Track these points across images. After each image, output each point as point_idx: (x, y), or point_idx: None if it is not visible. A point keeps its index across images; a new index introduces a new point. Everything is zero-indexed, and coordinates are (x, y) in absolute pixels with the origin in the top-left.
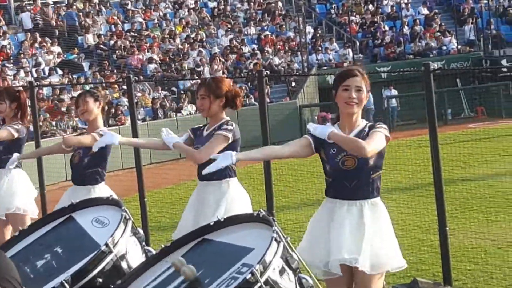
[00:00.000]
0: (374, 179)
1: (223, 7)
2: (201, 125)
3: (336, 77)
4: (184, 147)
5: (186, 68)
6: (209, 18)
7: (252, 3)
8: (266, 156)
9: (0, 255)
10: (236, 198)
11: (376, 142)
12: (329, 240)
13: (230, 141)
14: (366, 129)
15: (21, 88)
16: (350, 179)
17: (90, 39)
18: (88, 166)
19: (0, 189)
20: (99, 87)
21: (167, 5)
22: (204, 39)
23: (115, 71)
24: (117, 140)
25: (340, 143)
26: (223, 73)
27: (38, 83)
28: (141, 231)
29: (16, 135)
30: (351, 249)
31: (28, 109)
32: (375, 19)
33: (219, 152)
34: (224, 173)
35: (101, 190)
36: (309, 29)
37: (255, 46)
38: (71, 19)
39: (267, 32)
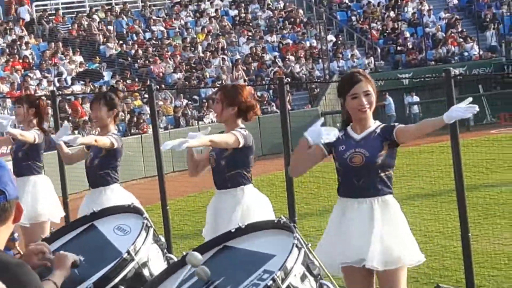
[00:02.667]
0: (383, 178)
1: (244, 15)
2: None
3: (340, 85)
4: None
5: (208, 76)
6: (230, 26)
7: (273, 11)
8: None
9: (25, 269)
10: (252, 204)
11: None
12: (337, 241)
13: (241, 144)
14: (378, 130)
15: (43, 97)
16: (358, 176)
17: (112, 47)
18: (99, 167)
19: (24, 197)
20: (119, 89)
21: (188, 14)
22: (225, 47)
23: (136, 80)
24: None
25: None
26: (244, 80)
27: (60, 92)
28: (163, 239)
29: (37, 139)
30: (357, 249)
31: (49, 117)
32: (396, 26)
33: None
34: (237, 181)
35: (114, 191)
36: (330, 36)
37: (276, 53)
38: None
39: (288, 40)
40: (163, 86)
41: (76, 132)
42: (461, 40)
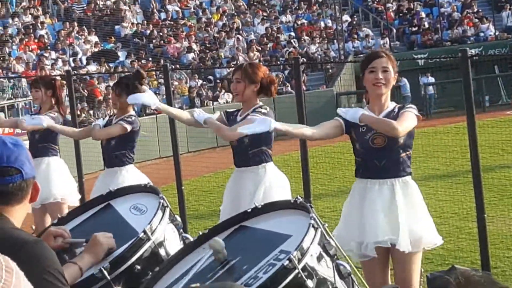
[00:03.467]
0: (404, 158)
1: None
2: (235, 109)
3: (363, 60)
4: (215, 123)
5: (223, 56)
6: (245, 6)
7: None
8: (299, 134)
9: (42, 246)
10: (274, 182)
11: (407, 122)
12: (363, 222)
13: None
14: (396, 109)
15: (58, 78)
16: (380, 157)
17: (127, 27)
18: (115, 148)
19: (37, 178)
20: (143, 74)
21: None
22: (241, 27)
23: (151, 60)
24: (153, 102)
25: (372, 125)
26: (259, 61)
27: (76, 72)
28: (179, 219)
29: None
30: (386, 230)
31: (65, 97)
32: (412, 6)
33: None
34: (260, 159)
35: (128, 172)
36: (346, 17)
37: (291, 34)
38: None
39: (304, 20)
40: (177, 66)
41: (91, 112)
42: (477, 20)
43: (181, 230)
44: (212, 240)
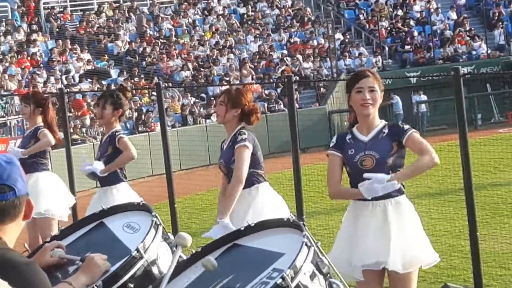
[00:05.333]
0: None
1: (252, 13)
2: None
3: (349, 80)
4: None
5: (215, 74)
6: (238, 24)
7: (281, 9)
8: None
9: (34, 269)
10: (266, 203)
11: (425, 144)
12: (353, 245)
13: (251, 149)
14: (386, 129)
15: (49, 96)
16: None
17: (120, 45)
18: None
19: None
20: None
21: (196, 12)
22: (233, 45)
23: (144, 77)
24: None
25: (412, 177)
26: (252, 78)
27: (68, 90)
28: (172, 237)
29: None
30: (374, 253)
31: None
32: (404, 24)
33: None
34: (251, 181)
35: (119, 191)
36: (338, 35)
37: (284, 52)
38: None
39: (296, 38)
40: (170, 84)
41: (83, 130)
42: (469, 38)
43: (174, 248)
44: (204, 259)
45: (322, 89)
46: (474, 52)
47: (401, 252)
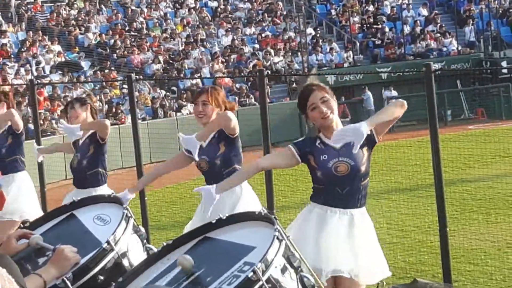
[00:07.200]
0: (364, 186)
1: (223, 6)
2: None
3: (299, 100)
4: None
5: (187, 67)
6: (210, 17)
7: (253, 3)
8: (246, 177)
9: (5, 261)
10: (250, 201)
11: None
12: (319, 249)
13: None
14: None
15: (7, 88)
16: (343, 185)
17: (91, 37)
18: (88, 168)
19: (10, 194)
20: (91, 94)
21: (167, 5)
22: (205, 39)
23: (115, 70)
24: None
25: (383, 121)
26: (223, 73)
27: (39, 81)
28: (143, 229)
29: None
30: (345, 260)
31: (26, 108)
32: (376, 20)
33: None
34: None
35: (103, 192)
36: (310, 30)
37: (255, 46)
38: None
39: (268, 32)
40: (141, 77)
41: (53, 121)
42: (440, 35)
43: (145, 241)
44: (181, 257)
45: (293, 83)
46: (444, 49)
47: (366, 264)
